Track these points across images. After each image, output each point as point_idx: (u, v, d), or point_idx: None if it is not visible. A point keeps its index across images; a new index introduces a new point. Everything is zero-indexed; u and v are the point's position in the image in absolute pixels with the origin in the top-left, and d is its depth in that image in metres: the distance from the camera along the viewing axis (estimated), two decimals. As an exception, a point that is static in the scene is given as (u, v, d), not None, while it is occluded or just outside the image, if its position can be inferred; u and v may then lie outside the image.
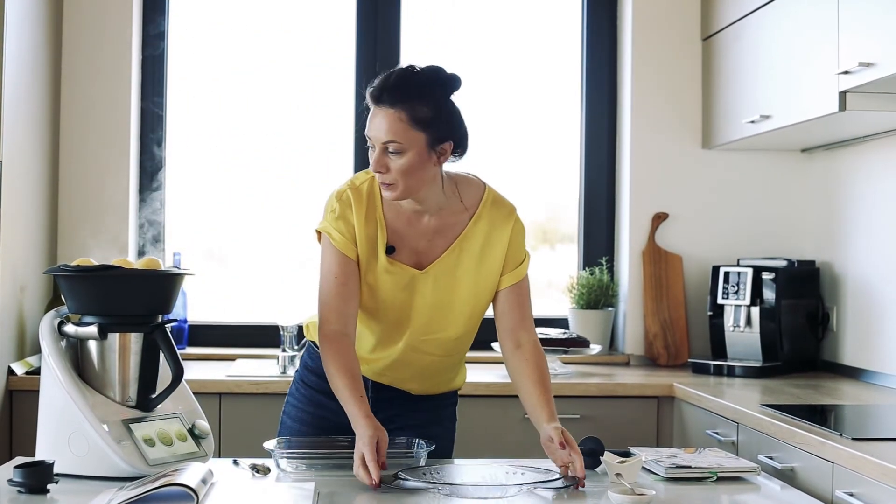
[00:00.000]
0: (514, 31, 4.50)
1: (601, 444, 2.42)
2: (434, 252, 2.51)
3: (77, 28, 4.13)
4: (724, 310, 4.03)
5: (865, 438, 2.58)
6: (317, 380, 2.63)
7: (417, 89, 2.40)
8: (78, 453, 2.26)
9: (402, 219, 2.51)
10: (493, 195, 2.57)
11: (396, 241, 2.50)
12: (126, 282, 2.34)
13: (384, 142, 2.38)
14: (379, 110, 2.39)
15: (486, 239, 2.52)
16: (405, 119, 2.37)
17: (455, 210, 2.52)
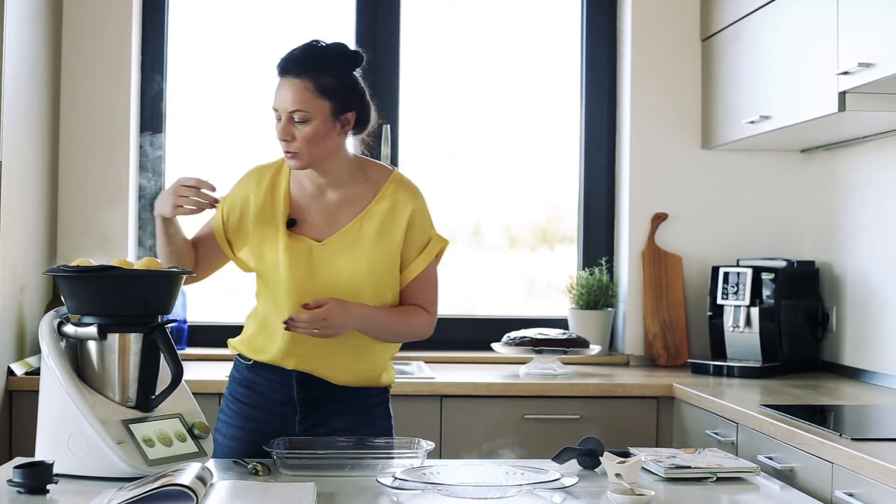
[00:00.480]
0: (513, 31, 4.50)
1: (601, 444, 2.42)
2: (335, 226, 2.58)
3: (77, 28, 4.13)
4: (724, 310, 4.03)
5: (865, 439, 2.58)
6: (245, 391, 2.66)
7: (322, 60, 2.50)
8: (77, 453, 2.26)
9: (305, 193, 2.61)
10: (400, 177, 2.65)
11: (298, 215, 2.59)
12: (125, 282, 2.33)
13: (290, 111, 2.48)
14: (286, 81, 2.48)
15: (388, 218, 2.58)
16: (311, 88, 2.47)
17: (359, 188, 2.60)
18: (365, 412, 2.65)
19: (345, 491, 2.23)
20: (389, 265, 2.58)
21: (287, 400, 2.61)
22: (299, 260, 2.55)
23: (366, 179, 2.61)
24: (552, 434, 3.52)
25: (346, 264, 2.55)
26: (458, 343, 4.29)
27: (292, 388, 2.61)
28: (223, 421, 2.69)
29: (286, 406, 2.61)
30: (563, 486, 2.22)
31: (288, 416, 2.61)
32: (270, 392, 2.62)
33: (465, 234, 4.54)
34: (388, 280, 2.59)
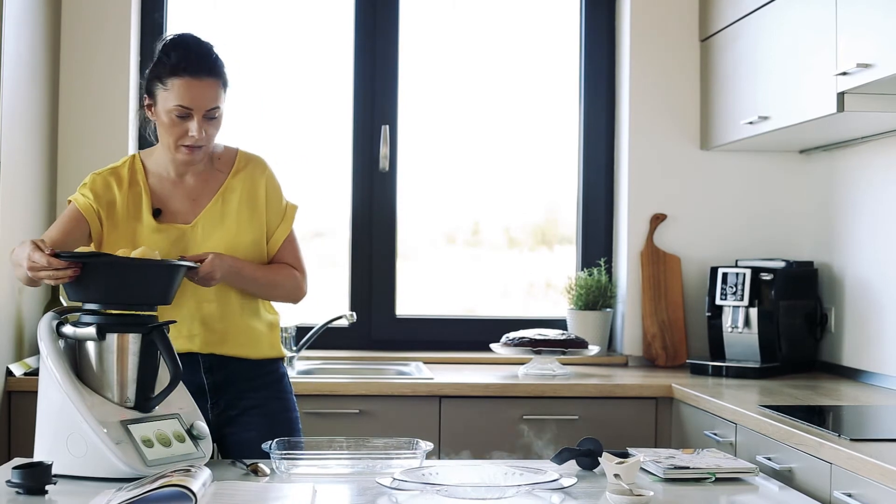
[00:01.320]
0: (512, 31, 4.50)
1: (599, 444, 2.43)
2: (198, 208, 2.69)
3: (76, 28, 4.13)
4: (723, 311, 4.03)
5: (864, 439, 2.58)
6: None
7: (219, 57, 2.67)
8: (76, 454, 2.26)
9: (165, 185, 2.71)
10: (246, 153, 2.79)
11: (162, 205, 2.68)
12: (127, 270, 2.35)
13: (209, 108, 2.60)
14: (197, 80, 2.58)
15: (248, 188, 2.72)
16: (221, 85, 2.64)
17: (212, 169, 2.72)
18: (269, 387, 2.76)
19: (344, 491, 2.23)
20: (259, 234, 2.71)
21: (197, 390, 2.66)
22: (172, 245, 2.64)
23: (218, 159, 2.75)
24: (551, 434, 3.52)
25: (218, 240, 2.66)
26: (456, 344, 4.29)
27: (200, 374, 2.69)
28: None
29: (197, 396, 2.60)
30: (561, 487, 2.22)
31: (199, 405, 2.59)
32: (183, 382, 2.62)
33: (464, 235, 4.54)
34: (261, 248, 2.72)
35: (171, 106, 2.58)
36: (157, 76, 2.62)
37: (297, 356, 3.87)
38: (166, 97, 2.59)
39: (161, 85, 2.60)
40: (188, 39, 2.63)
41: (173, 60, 2.58)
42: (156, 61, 2.64)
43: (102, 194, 2.66)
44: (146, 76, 2.66)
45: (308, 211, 4.40)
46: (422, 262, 4.50)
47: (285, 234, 2.76)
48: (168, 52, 2.61)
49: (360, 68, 4.36)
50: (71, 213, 2.65)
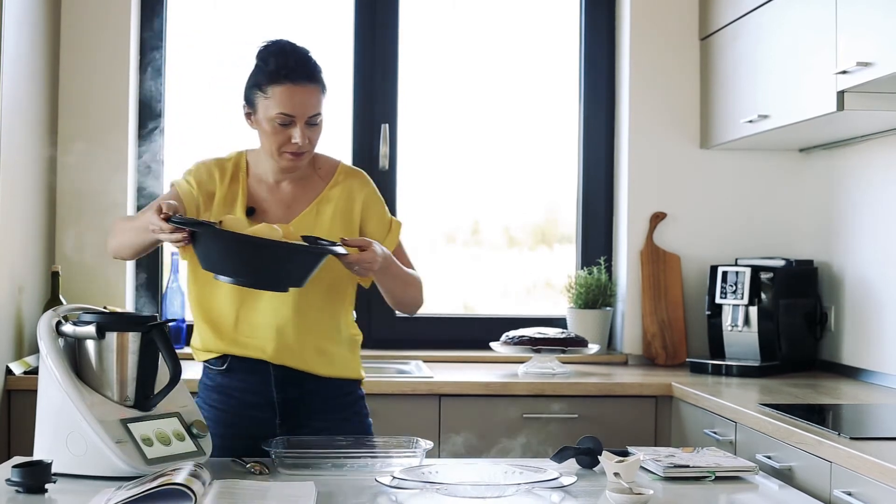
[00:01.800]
0: (512, 30, 4.50)
1: (599, 443, 2.43)
2: (293, 214, 2.66)
3: (75, 27, 4.13)
4: (723, 309, 4.03)
5: (863, 438, 2.58)
6: (220, 397, 2.65)
7: (317, 63, 2.62)
8: (76, 453, 2.26)
9: (263, 188, 2.68)
10: (347, 166, 2.76)
11: (256, 206, 2.65)
12: (267, 251, 2.33)
13: (311, 115, 2.56)
14: (299, 87, 2.54)
15: (343, 202, 2.67)
16: (321, 91, 2.59)
17: (311, 177, 2.69)
18: (343, 409, 2.66)
19: (344, 490, 2.23)
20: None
21: (265, 403, 2.61)
22: None
23: (317, 169, 2.71)
24: (551, 433, 3.52)
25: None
26: (456, 342, 4.29)
27: (271, 389, 2.60)
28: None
29: (265, 409, 2.60)
30: (561, 486, 2.22)
31: (267, 420, 2.60)
32: (247, 395, 2.61)
33: (464, 234, 4.54)
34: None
35: (272, 114, 2.53)
36: (256, 84, 2.57)
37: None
38: (267, 105, 2.54)
39: (261, 93, 2.55)
40: (285, 46, 2.58)
41: (272, 67, 2.53)
42: (254, 69, 2.59)
43: (205, 183, 2.65)
44: (245, 85, 2.60)
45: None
46: (421, 261, 4.49)
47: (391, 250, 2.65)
48: (266, 59, 2.56)
49: (360, 67, 4.36)
50: (171, 195, 2.64)
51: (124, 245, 2.59)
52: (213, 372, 2.67)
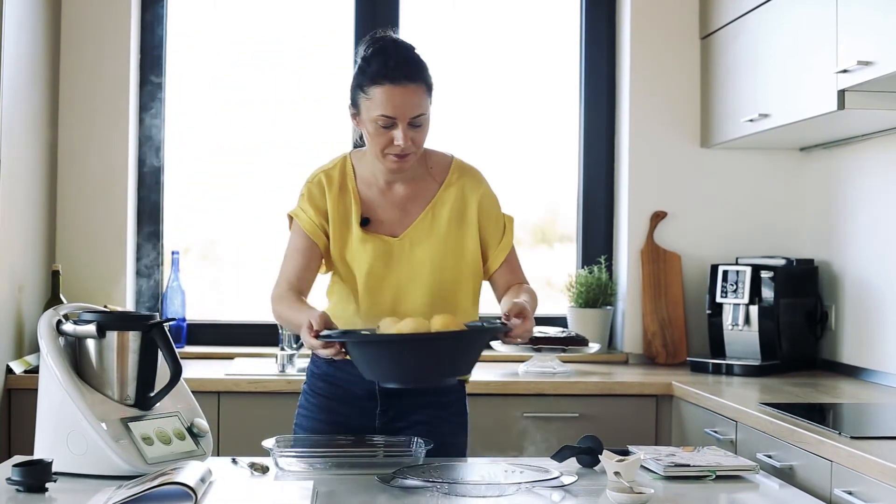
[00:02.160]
0: (512, 30, 4.50)
1: (600, 442, 2.42)
2: (407, 220, 2.61)
3: (76, 27, 4.13)
4: (723, 308, 4.03)
5: (864, 437, 2.58)
6: (325, 385, 2.65)
7: (421, 60, 2.52)
8: (76, 452, 2.25)
9: (374, 191, 2.62)
10: (460, 162, 2.69)
11: (370, 213, 2.60)
12: (428, 346, 2.23)
13: (414, 116, 2.48)
14: (399, 88, 2.46)
15: (458, 203, 2.62)
16: (425, 90, 2.50)
17: (424, 177, 2.63)
18: (443, 407, 2.65)
19: (344, 489, 2.23)
20: (466, 249, 2.62)
21: (368, 393, 2.61)
22: (378, 257, 2.57)
23: (430, 167, 2.65)
24: (551, 432, 3.52)
25: (425, 254, 2.59)
26: (457, 341, 4.28)
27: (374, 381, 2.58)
28: (303, 415, 2.69)
29: (367, 399, 2.61)
30: (562, 485, 2.22)
31: (368, 409, 2.61)
32: (351, 385, 2.61)
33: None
34: (465, 265, 2.63)
35: (374, 115, 2.47)
36: (358, 85, 2.50)
37: (297, 353, 3.87)
38: (369, 106, 2.48)
39: (363, 94, 2.49)
40: (387, 44, 2.50)
41: (373, 68, 2.46)
42: (357, 70, 2.52)
43: (319, 202, 2.61)
44: (350, 86, 2.54)
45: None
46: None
47: (507, 250, 2.66)
48: (368, 59, 2.49)
49: (361, 66, 4.35)
50: (301, 243, 2.60)
51: (286, 326, 2.66)
52: (320, 361, 2.67)
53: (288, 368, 3.79)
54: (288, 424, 3.51)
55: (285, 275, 2.62)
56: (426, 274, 2.58)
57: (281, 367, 3.78)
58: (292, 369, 3.81)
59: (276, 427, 3.32)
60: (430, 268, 2.58)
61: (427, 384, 2.32)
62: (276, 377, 3.64)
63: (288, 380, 3.61)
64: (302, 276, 2.60)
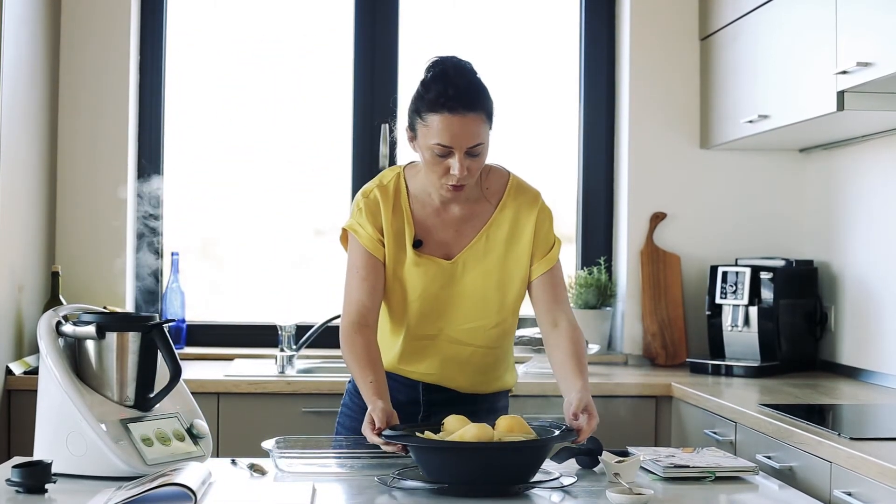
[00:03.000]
0: (512, 30, 4.50)
1: (599, 443, 2.42)
2: (462, 241, 2.56)
3: (75, 27, 4.13)
4: (723, 309, 4.03)
5: (863, 438, 2.58)
6: None
7: (482, 88, 2.46)
8: (76, 453, 2.25)
9: (428, 211, 2.57)
10: (517, 182, 2.62)
11: (423, 234, 2.55)
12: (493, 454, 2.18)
13: (472, 146, 2.42)
14: (458, 117, 2.40)
15: (513, 226, 2.57)
16: (484, 118, 2.44)
17: (480, 198, 2.57)
18: (487, 414, 2.60)
19: (343, 490, 2.23)
20: (518, 273, 2.58)
21: (412, 401, 2.60)
22: (431, 279, 2.54)
23: (486, 188, 2.59)
24: (551, 433, 3.51)
25: (476, 277, 2.55)
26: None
27: (418, 391, 2.59)
28: (346, 415, 2.69)
29: (411, 406, 2.60)
30: (561, 486, 2.22)
31: (411, 414, 2.59)
32: (396, 393, 2.56)
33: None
34: (515, 288, 2.59)
35: (430, 143, 2.42)
36: (416, 110, 2.47)
37: (297, 355, 3.87)
38: (426, 133, 2.44)
39: (420, 120, 2.45)
40: (448, 70, 2.43)
41: (432, 96, 2.42)
42: (416, 93, 2.48)
43: (376, 215, 2.55)
44: (408, 109, 2.50)
45: (307, 209, 4.41)
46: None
47: (551, 264, 2.59)
48: (427, 84, 2.44)
49: (360, 66, 4.36)
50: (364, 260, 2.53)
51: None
52: None
53: (287, 370, 3.79)
54: (287, 425, 3.52)
55: (353, 303, 2.53)
56: (474, 295, 2.55)
57: (280, 369, 3.78)
58: (292, 370, 3.81)
59: (275, 428, 3.33)
60: (483, 292, 2.55)
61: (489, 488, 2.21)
62: (275, 378, 3.64)
63: (287, 381, 3.61)
64: (370, 303, 2.52)
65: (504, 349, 2.66)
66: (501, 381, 2.69)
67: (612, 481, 2.27)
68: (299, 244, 4.41)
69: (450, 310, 2.55)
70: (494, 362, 2.65)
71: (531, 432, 2.26)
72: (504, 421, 2.27)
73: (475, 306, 2.56)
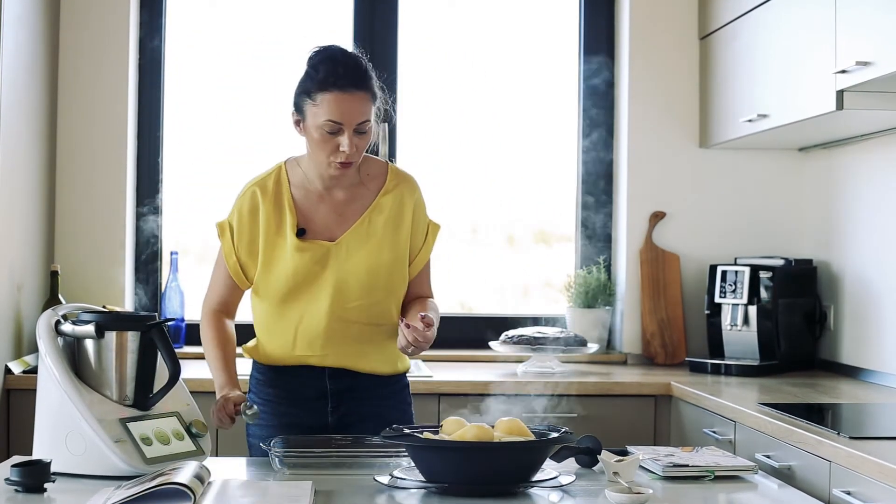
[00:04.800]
0: (511, 30, 4.50)
1: (598, 442, 2.42)
2: (345, 224, 2.65)
3: (74, 28, 4.13)
4: (722, 309, 4.03)
5: (863, 437, 2.58)
6: (274, 391, 2.69)
7: (368, 67, 2.58)
8: (75, 452, 2.26)
9: (311, 198, 2.66)
10: (396, 169, 2.74)
11: (306, 221, 2.64)
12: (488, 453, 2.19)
13: (359, 122, 2.52)
14: (347, 94, 2.51)
15: (394, 210, 2.67)
16: (370, 98, 2.55)
17: (360, 183, 2.67)
18: (390, 397, 2.73)
19: (342, 489, 2.23)
20: (401, 255, 2.68)
21: (319, 394, 2.67)
22: (315, 262, 2.61)
23: (366, 174, 2.68)
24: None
25: (361, 259, 2.63)
26: (456, 341, 4.28)
27: (325, 382, 2.67)
28: (255, 425, 2.70)
29: (318, 400, 2.67)
30: (560, 485, 2.22)
31: (320, 409, 2.67)
32: (302, 389, 2.67)
33: (463, 233, 4.53)
34: (400, 270, 2.68)
35: (320, 121, 2.51)
36: (305, 91, 2.53)
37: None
38: (315, 112, 2.51)
39: (310, 100, 2.52)
40: (335, 53, 2.55)
41: (321, 75, 2.50)
42: (304, 76, 2.55)
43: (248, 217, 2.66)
44: (294, 92, 2.57)
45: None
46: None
47: (427, 258, 2.74)
48: (316, 66, 2.53)
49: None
50: (226, 274, 2.68)
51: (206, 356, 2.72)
52: (264, 368, 2.72)
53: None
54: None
55: (217, 294, 2.70)
56: (360, 277, 2.62)
57: (280, 368, 3.78)
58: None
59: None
60: (366, 272, 2.63)
61: (485, 487, 2.22)
62: (274, 377, 3.63)
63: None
64: (232, 297, 2.71)
65: (391, 326, 2.70)
66: (402, 363, 2.76)
67: (611, 480, 2.27)
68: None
69: (334, 289, 2.61)
70: (385, 340, 2.70)
71: (529, 434, 2.26)
72: (503, 423, 2.29)
73: (359, 285, 2.62)
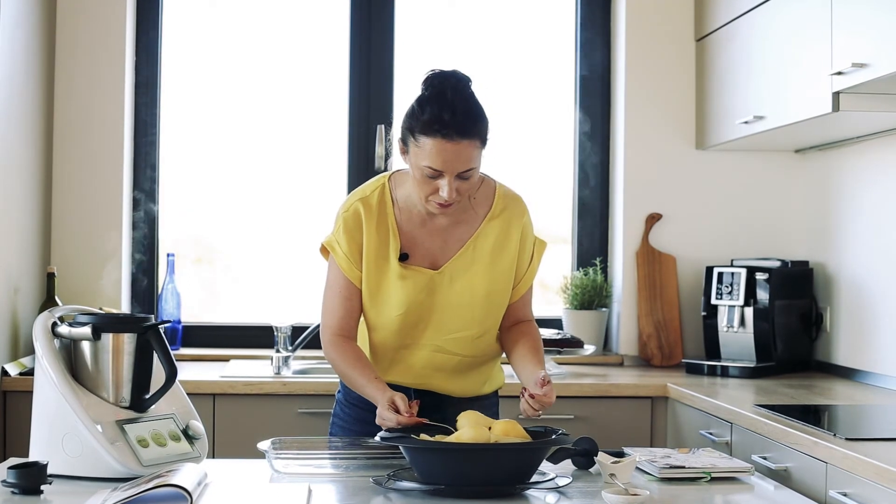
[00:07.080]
0: (508, 31, 4.50)
1: (595, 444, 2.42)
2: (449, 251, 2.54)
3: (71, 30, 4.12)
4: (718, 310, 4.04)
5: (859, 438, 2.58)
6: (359, 396, 2.58)
7: (481, 114, 2.45)
8: (71, 454, 2.25)
9: (415, 222, 2.54)
10: (504, 191, 2.62)
11: (410, 246, 2.53)
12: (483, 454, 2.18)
13: (463, 171, 2.39)
14: (451, 144, 2.36)
15: (500, 236, 2.56)
16: (478, 145, 2.41)
17: (467, 207, 2.55)
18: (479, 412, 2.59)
19: (340, 491, 2.23)
20: (504, 281, 2.58)
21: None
22: (417, 290, 2.52)
23: (472, 198, 2.56)
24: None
25: (464, 286, 2.54)
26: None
27: (410, 396, 2.55)
28: (338, 425, 2.68)
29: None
30: (557, 486, 2.22)
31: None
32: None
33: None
34: (502, 296, 2.59)
35: (421, 164, 2.37)
36: (409, 128, 2.40)
37: (292, 356, 3.86)
38: (417, 153, 2.38)
39: (413, 139, 2.38)
40: (446, 93, 2.39)
41: (427, 117, 2.36)
42: (410, 109, 2.41)
43: (354, 232, 2.52)
44: (402, 120, 2.44)
45: (303, 211, 4.41)
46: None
47: (532, 279, 2.62)
48: (423, 104, 2.38)
49: (356, 67, 4.36)
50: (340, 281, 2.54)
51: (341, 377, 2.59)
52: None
53: (283, 370, 3.79)
54: (283, 426, 3.52)
55: (334, 318, 2.56)
56: (461, 304, 2.54)
57: (276, 370, 3.78)
58: (287, 371, 3.81)
59: (271, 429, 3.33)
60: (468, 302, 2.54)
61: (482, 488, 2.20)
62: (271, 379, 3.64)
63: (283, 382, 3.61)
64: (350, 319, 2.56)
65: (490, 355, 2.66)
66: (491, 384, 2.70)
67: (607, 482, 2.27)
68: (295, 245, 4.40)
69: (435, 319, 2.54)
70: (481, 369, 2.65)
71: (527, 436, 2.26)
72: (500, 425, 2.27)
73: (460, 316, 2.54)
